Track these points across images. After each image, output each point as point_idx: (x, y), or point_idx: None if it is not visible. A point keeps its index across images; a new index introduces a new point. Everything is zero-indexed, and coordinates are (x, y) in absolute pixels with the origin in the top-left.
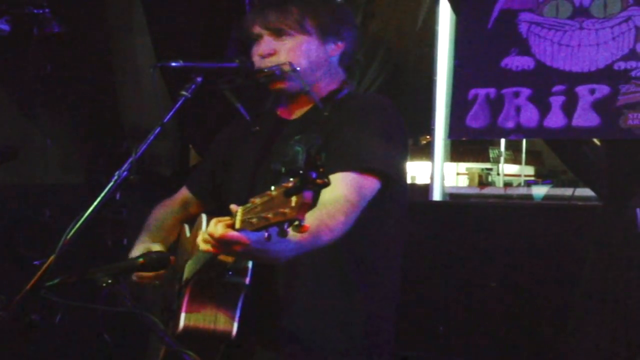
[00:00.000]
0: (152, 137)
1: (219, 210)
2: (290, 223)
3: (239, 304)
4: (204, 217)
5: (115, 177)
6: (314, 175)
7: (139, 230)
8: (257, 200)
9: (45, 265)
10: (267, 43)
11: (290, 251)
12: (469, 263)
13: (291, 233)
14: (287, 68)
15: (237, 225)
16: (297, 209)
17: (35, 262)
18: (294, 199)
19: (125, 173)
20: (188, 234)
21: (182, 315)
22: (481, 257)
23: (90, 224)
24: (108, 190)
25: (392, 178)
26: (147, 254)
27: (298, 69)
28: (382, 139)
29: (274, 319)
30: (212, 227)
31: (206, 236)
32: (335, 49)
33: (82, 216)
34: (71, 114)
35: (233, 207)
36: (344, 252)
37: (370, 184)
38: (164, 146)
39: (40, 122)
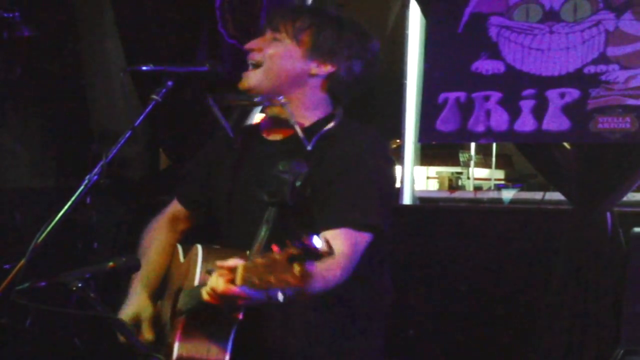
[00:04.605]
0: (122, 141)
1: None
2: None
3: (231, 336)
4: (199, 248)
5: (86, 181)
6: (317, 246)
7: (109, 239)
8: (259, 260)
9: (15, 270)
10: (260, 39)
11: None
12: (439, 267)
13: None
14: (277, 103)
15: (238, 282)
16: (300, 279)
17: (5, 266)
18: (296, 267)
19: (95, 177)
20: (182, 259)
21: (176, 345)
22: (451, 260)
23: (60, 227)
24: (78, 194)
25: (383, 230)
26: (117, 258)
27: (288, 103)
28: (375, 191)
29: (267, 348)
30: (214, 282)
31: (209, 290)
32: (317, 68)
33: (52, 220)
34: (41, 117)
35: (232, 262)
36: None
37: (365, 239)
38: (134, 150)
39: (10, 126)
